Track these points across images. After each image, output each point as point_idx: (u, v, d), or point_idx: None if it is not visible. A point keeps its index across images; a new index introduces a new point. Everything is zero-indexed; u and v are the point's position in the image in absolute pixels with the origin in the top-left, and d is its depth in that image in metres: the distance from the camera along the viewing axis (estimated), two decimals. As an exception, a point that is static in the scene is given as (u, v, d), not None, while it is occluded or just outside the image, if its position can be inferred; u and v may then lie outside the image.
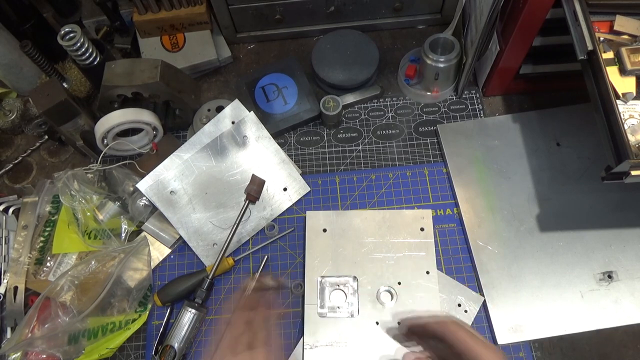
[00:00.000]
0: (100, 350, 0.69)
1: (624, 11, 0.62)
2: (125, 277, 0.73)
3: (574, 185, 0.76)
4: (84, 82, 0.90)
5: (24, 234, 0.78)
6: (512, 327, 0.69)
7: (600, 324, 0.68)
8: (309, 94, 0.85)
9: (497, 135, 0.81)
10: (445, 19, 0.92)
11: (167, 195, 0.78)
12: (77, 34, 0.76)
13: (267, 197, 0.80)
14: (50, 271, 0.75)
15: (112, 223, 0.77)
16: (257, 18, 0.91)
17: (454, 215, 0.78)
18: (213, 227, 0.78)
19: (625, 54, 0.59)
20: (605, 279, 0.71)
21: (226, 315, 0.73)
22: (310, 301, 0.71)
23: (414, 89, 0.87)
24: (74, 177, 0.76)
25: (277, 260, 0.77)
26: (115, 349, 0.70)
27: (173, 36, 0.91)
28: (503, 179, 0.78)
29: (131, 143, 0.82)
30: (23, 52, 0.79)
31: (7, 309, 0.73)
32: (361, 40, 0.88)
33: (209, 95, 0.92)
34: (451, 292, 0.72)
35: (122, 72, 0.78)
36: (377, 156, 0.84)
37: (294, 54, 0.95)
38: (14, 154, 0.90)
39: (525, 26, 0.69)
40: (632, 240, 0.73)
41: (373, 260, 0.74)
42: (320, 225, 0.76)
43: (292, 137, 0.87)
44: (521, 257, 0.73)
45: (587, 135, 0.79)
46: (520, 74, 0.81)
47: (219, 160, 0.80)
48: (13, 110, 0.88)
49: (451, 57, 0.79)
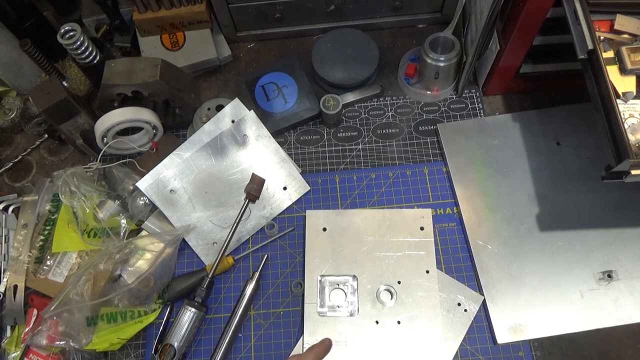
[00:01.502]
0: (111, 339, 0.70)
1: (624, 10, 0.62)
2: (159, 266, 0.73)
3: (574, 185, 0.76)
4: (83, 81, 0.90)
5: (23, 233, 0.78)
6: (511, 327, 0.69)
7: (599, 324, 0.68)
8: (309, 92, 0.85)
9: (497, 135, 0.81)
10: (446, 18, 0.92)
11: (167, 194, 0.78)
12: (77, 33, 0.76)
13: (267, 196, 0.80)
14: (50, 270, 0.75)
15: (111, 222, 0.77)
16: (257, 17, 0.90)
17: (453, 214, 0.78)
18: (213, 226, 0.78)
19: (626, 53, 0.59)
20: (605, 279, 0.71)
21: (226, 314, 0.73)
22: (310, 300, 0.71)
23: (414, 88, 0.87)
24: (74, 176, 0.76)
25: (277, 259, 0.77)
26: (125, 340, 0.71)
27: (173, 35, 0.91)
28: (503, 178, 0.78)
29: (131, 142, 0.82)
30: (23, 50, 0.79)
31: (7, 307, 0.73)
32: (361, 39, 0.88)
33: (208, 94, 0.92)
34: (451, 291, 0.72)
35: (122, 71, 0.78)
36: (377, 155, 0.84)
37: (294, 53, 0.95)
38: (13, 152, 0.90)
39: (525, 25, 0.69)
40: (632, 239, 0.73)
41: (373, 259, 0.74)
42: (320, 224, 0.76)
43: (292, 136, 0.87)
44: (521, 257, 0.73)
45: (587, 134, 0.79)
46: (521, 73, 0.81)
47: (219, 159, 0.80)
48: (13, 109, 0.88)
49: (451, 56, 0.79)
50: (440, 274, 0.73)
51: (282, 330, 0.73)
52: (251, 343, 0.72)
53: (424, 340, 0.69)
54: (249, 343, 0.72)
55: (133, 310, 0.72)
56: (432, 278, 0.72)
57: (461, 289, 0.72)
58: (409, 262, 0.73)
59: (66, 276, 0.75)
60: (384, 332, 0.69)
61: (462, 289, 0.72)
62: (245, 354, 0.72)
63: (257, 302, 0.74)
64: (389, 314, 0.70)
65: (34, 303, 0.74)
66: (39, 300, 0.74)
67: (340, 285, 0.73)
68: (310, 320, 0.70)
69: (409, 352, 0.68)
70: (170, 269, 0.74)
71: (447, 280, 0.73)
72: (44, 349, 0.70)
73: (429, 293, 0.71)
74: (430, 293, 0.71)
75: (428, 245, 0.74)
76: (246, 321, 0.73)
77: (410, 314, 0.70)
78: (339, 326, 0.70)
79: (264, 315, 0.73)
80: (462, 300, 0.71)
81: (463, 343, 0.70)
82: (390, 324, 0.70)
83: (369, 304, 0.71)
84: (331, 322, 0.70)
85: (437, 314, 0.70)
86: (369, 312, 0.71)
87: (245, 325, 0.73)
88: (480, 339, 0.70)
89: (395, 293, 0.72)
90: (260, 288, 0.75)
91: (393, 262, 0.73)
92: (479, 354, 0.69)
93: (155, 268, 0.72)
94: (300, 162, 0.84)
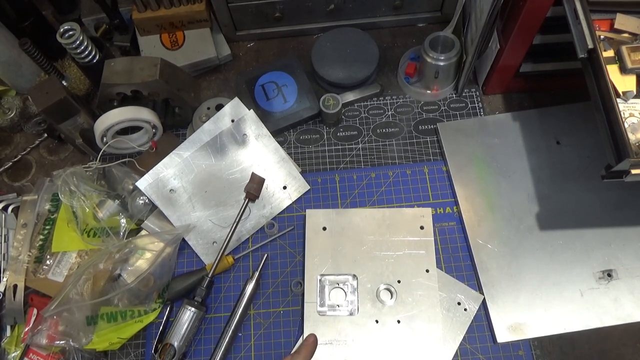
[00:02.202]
0: (111, 338, 0.70)
1: (625, 9, 0.62)
2: (159, 266, 0.73)
3: (574, 184, 0.76)
4: (83, 80, 0.90)
5: (23, 232, 0.77)
6: (511, 326, 0.69)
7: (599, 323, 0.68)
8: (309, 92, 0.85)
9: (497, 134, 0.81)
10: (446, 17, 0.92)
11: (167, 194, 0.78)
12: (76, 32, 0.76)
13: (267, 195, 0.80)
14: (50, 269, 0.75)
15: (111, 221, 0.76)
16: (257, 16, 0.90)
17: (453, 213, 0.78)
18: (212, 225, 0.78)
19: (626, 52, 0.59)
20: (604, 278, 0.71)
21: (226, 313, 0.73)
22: (310, 299, 0.71)
23: (414, 87, 0.87)
24: (74, 175, 0.76)
25: (276, 259, 0.77)
26: (125, 339, 0.71)
27: (172, 34, 0.91)
28: (503, 178, 0.78)
29: (130, 141, 0.82)
30: (22, 49, 0.79)
31: (7, 307, 0.73)
32: (361, 39, 0.88)
33: (208, 93, 0.92)
34: (451, 290, 0.72)
35: (121, 70, 0.78)
36: (377, 154, 0.84)
37: (293, 52, 0.94)
38: (13, 152, 0.89)
39: (525, 24, 0.69)
40: (632, 238, 0.73)
41: (373, 258, 0.74)
42: (320, 223, 0.76)
43: (292, 135, 0.86)
44: (521, 256, 0.73)
45: (587, 133, 0.79)
46: (521, 72, 0.81)
47: (219, 158, 0.80)
48: (12, 108, 0.88)
49: (451, 56, 0.79)
50: (440, 273, 0.73)
51: (282, 329, 0.73)
52: (251, 342, 0.72)
53: (423, 339, 0.69)
54: (248, 342, 0.72)
55: (133, 310, 0.72)
56: (432, 277, 0.72)
57: (461, 288, 0.72)
58: (409, 261, 0.73)
59: (66, 276, 0.75)
60: (384, 332, 0.69)
61: (462, 288, 0.72)
62: (245, 353, 0.72)
63: (257, 302, 0.74)
64: (388, 313, 0.70)
65: (33, 302, 0.74)
66: (38, 299, 0.74)
67: (340, 284, 0.73)
68: (310, 320, 0.70)
69: (408, 351, 0.68)
70: (170, 269, 0.74)
71: (447, 279, 0.73)
72: (43, 348, 0.70)
73: (429, 292, 0.71)
74: (430, 292, 0.71)
75: (428, 245, 0.74)
76: (246, 320, 0.73)
77: (410, 313, 0.70)
78: (338, 325, 0.70)
79: (264, 315, 0.73)
80: (462, 300, 0.71)
81: (463, 342, 0.70)
82: (390, 323, 0.70)
83: (368, 303, 0.71)
84: (331, 321, 0.70)
85: (437, 313, 0.70)
86: (368, 311, 0.71)
87: (245, 324, 0.73)
88: (480, 338, 0.70)
89: (395, 292, 0.72)
90: (260, 287, 0.75)
91: (393, 262, 0.73)
92: (479, 353, 0.70)
93: (155, 267, 0.72)
94: (300, 161, 0.84)
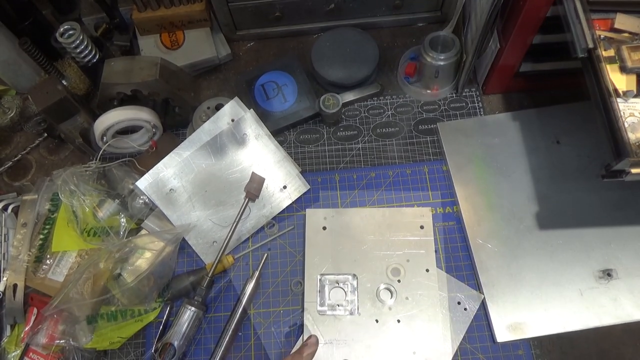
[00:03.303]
0: (111, 337, 0.70)
1: (625, 9, 0.62)
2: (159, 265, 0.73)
3: (574, 184, 0.76)
4: (83, 80, 0.90)
5: (23, 232, 0.77)
6: (511, 325, 0.69)
7: (599, 322, 0.68)
8: (309, 91, 0.85)
9: (496, 133, 0.81)
10: (445, 17, 0.92)
11: (167, 193, 0.78)
12: (76, 32, 0.76)
13: (267, 195, 0.80)
14: (50, 269, 0.75)
15: (111, 221, 0.76)
16: (257, 16, 0.90)
17: (453, 213, 0.78)
18: (212, 225, 0.78)
19: (626, 52, 0.59)
20: (604, 277, 0.71)
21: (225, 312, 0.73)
22: (310, 299, 0.72)
23: (414, 87, 0.87)
24: (73, 175, 0.76)
25: (276, 258, 0.77)
26: (125, 339, 0.71)
27: (172, 34, 0.91)
28: (502, 177, 0.78)
29: (130, 141, 0.82)
30: (22, 49, 0.79)
31: (7, 306, 0.73)
32: (361, 38, 0.88)
33: (208, 93, 0.92)
34: (450, 290, 0.72)
35: (121, 70, 0.78)
36: (377, 154, 0.84)
37: (293, 52, 0.94)
38: (13, 151, 0.89)
39: (525, 24, 0.69)
40: (632, 238, 0.73)
41: (373, 258, 0.74)
42: (319, 223, 0.76)
43: (292, 135, 0.87)
44: (520, 255, 0.73)
45: (587, 133, 0.79)
46: (520, 72, 0.81)
47: (219, 158, 0.80)
48: (12, 108, 0.88)
49: (451, 55, 0.79)
50: (440, 273, 0.73)
51: (282, 329, 0.73)
52: (251, 342, 0.72)
53: (423, 339, 0.69)
54: (248, 342, 0.72)
55: (133, 309, 0.72)
56: (431, 277, 0.72)
57: (461, 288, 0.72)
58: (408, 261, 0.73)
59: (66, 275, 0.75)
60: (384, 331, 0.70)
61: (461, 288, 0.72)
62: (245, 352, 0.72)
63: (257, 301, 0.74)
64: (388, 313, 0.70)
65: (33, 302, 0.74)
66: (38, 299, 0.74)
67: (340, 284, 0.73)
68: (310, 319, 0.70)
69: (408, 350, 0.68)
70: (170, 268, 0.74)
71: (447, 279, 0.73)
72: (43, 347, 0.70)
73: (429, 292, 0.71)
74: (430, 292, 0.71)
75: (428, 244, 0.74)
76: (246, 320, 0.73)
77: (410, 313, 0.70)
78: (338, 325, 0.70)
79: (264, 314, 0.73)
80: (462, 299, 0.71)
81: (463, 342, 0.70)
82: (390, 322, 0.70)
83: (368, 302, 0.71)
84: (331, 320, 0.70)
85: (437, 313, 0.70)
86: (368, 311, 0.71)
87: (245, 324, 0.73)
88: (479, 338, 0.70)
89: (395, 292, 0.72)
90: (260, 287, 0.75)
91: (393, 261, 0.73)
92: (479, 352, 0.70)
93: (155, 267, 0.72)
94: (300, 161, 0.84)
